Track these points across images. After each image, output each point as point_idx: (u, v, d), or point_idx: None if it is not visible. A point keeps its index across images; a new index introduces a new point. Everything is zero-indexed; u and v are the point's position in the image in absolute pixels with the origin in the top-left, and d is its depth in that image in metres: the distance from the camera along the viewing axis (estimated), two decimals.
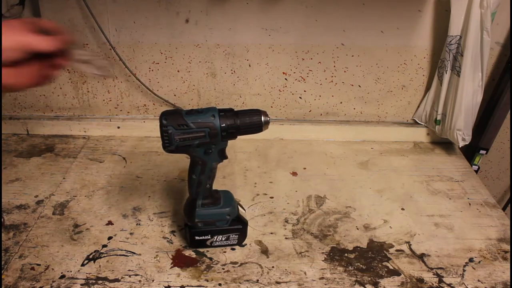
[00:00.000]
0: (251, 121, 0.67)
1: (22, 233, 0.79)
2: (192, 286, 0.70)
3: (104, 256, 0.74)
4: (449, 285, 0.72)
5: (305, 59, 1.04)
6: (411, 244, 0.80)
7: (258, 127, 0.68)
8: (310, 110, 1.12)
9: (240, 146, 1.06)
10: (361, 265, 0.75)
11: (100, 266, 0.72)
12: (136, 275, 0.71)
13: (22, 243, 0.76)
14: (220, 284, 0.70)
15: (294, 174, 0.99)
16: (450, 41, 0.96)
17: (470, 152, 1.10)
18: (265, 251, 0.77)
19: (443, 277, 0.73)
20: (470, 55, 0.93)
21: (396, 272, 0.74)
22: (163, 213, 0.85)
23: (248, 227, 0.79)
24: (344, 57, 1.04)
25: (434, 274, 0.74)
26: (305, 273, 0.73)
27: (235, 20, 0.99)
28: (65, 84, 1.07)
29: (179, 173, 0.97)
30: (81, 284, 0.69)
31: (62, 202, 0.87)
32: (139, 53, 1.03)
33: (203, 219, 0.73)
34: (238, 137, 0.69)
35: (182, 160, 0.77)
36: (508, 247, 0.81)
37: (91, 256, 0.74)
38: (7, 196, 0.88)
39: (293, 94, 1.09)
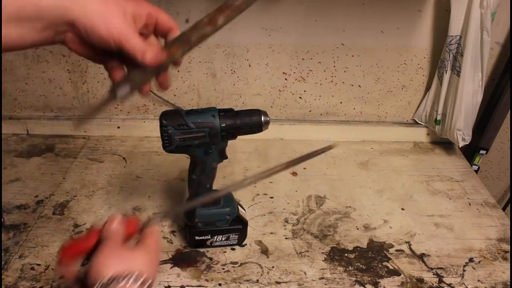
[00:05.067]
0: (251, 121, 0.67)
1: (22, 233, 0.79)
2: (192, 286, 0.70)
3: None
4: (449, 285, 0.72)
5: (305, 59, 1.04)
6: (411, 244, 0.80)
7: (258, 127, 0.68)
8: (310, 110, 1.12)
9: (240, 146, 1.06)
10: (361, 265, 0.75)
11: None
12: None
13: (22, 243, 0.76)
14: (220, 284, 0.70)
15: (294, 174, 0.99)
16: (450, 41, 0.96)
17: (470, 152, 1.10)
18: (265, 251, 0.77)
19: (443, 277, 0.73)
20: (470, 55, 0.93)
21: (396, 272, 0.74)
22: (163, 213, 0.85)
23: (248, 227, 0.79)
24: (344, 57, 1.04)
25: (434, 274, 0.74)
26: (305, 273, 0.73)
27: (235, 20, 0.98)
28: (65, 84, 1.07)
29: (179, 173, 0.96)
30: None
31: (62, 202, 0.87)
32: None
33: (203, 219, 0.73)
34: (238, 137, 0.69)
35: (182, 160, 0.77)
36: (508, 247, 0.81)
37: None
38: (7, 196, 0.88)
39: (293, 94, 1.09)
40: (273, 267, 0.74)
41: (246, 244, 0.78)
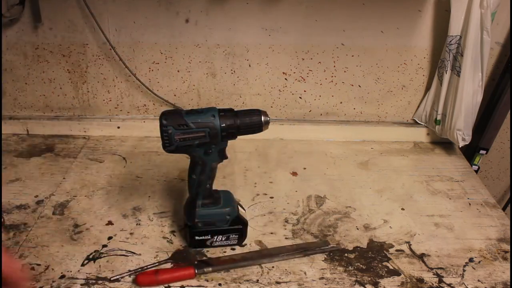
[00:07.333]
0: (251, 121, 0.68)
1: (22, 233, 0.79)
2: (192, 286, 0.70)
3: (104, 256, 0.74)
4: (449, 285, 0.72)
5: (305, 59, 1.04)
6: (411, 244, 0.80)
7: (258, 127, 0.68)
8: (310, 110, 1.12)
9: (240, 146, 1.06)
10: (361, 265, 0.75)
11: (100, 266, 0.72)
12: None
13: (22, 243, 0.76)
14: (220, 284, 0.70)
15: (294, 174, 0.99)
16: (450, 41, 0.96)
17: (470, 152, 1.10)
18: None
19: (443, 277, 0.73)
20: (470, 55, 0.93)
21: (396, 272, 0.74)
22: (163, 213, 0.85)
23: (248, 227, 0.79)
24: (344, 57, 1.04)
25: (434, 274, 0.74)
26: (305, 273, 0.73)
27: (235, 20, 0.99)
28: (65, 84, 1.07)
29: (179, 173, 0.97)
30: (81, 284, 0.69)
31: (62, 202, 0.87)
32: (139, 53, 1.03)
33: (203, 219, 0.73)
34: (238, 137, 0.69)
35: (182, 160, 0.77)
36: (508, 247, 0.81)
37: (91, 256, 0.74)
38: (7, 196, 0.88)
39: (293, 94, 1.09)
40: (273, 267, 0.74)
41: (246, 244, 0.78)
